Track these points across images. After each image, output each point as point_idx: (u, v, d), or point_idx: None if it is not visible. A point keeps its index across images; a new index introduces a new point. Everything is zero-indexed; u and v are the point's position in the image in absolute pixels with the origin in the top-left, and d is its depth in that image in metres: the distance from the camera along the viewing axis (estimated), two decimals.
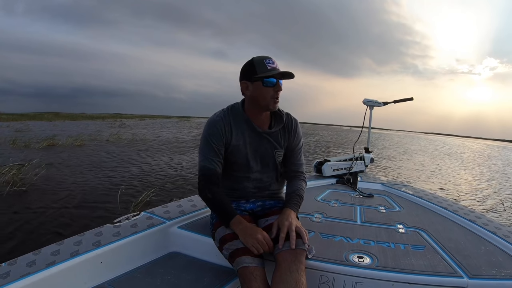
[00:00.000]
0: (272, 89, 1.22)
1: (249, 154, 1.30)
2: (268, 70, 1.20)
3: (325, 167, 2.50)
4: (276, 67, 1.23)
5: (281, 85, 1.25)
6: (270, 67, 1.21)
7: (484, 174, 9.27)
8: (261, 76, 1.20)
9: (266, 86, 1.22)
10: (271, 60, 1.22)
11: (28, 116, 26.03)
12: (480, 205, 5.07)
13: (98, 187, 4.34)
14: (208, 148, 1.25)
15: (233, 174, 1.34)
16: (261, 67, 1.21)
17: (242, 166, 1.31)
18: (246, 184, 1.35)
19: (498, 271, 1.13)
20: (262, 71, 1.20)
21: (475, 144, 37.42)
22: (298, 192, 1.32)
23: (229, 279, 1.16)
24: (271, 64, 1.22)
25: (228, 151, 1.29)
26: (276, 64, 1.23)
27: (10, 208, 3.28)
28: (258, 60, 1.22)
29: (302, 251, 1.10)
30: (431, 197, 2.05)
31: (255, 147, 1.31)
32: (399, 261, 1.17)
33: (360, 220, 1.64)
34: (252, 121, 1.29)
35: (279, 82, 1.23)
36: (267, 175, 1.37)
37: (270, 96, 1.23)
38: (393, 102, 2.79)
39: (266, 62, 1.21)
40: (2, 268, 0.97)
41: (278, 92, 1.24)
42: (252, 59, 1.24)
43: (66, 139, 9.13)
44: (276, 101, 1.26)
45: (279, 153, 1.35)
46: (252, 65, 1.22)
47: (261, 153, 1.32)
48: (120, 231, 1.28)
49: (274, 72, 1.20)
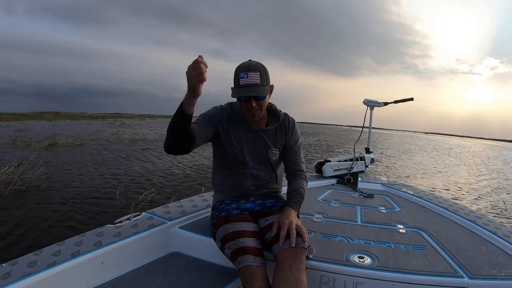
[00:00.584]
0: (246, 104, 1.18)
1: (245, 150, 1.32)
2: (238, 86, 1.15)
3: (326, 168, 2.50)
4: (252, 81, 1.13)
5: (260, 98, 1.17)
6: (243, 82, 1.14)
7: (483, 173, 9.30)
8: (232, 94, 1.18)
9: (241, 101, 1.19)
10: (246, 74, 1.14)
11: (28, 115, 26.05)
12: (480, 205, 5.07)
13: (98, 187, 4.34)
14: (200, 119, 1.25)
15: (231, 170, 1.36)
16: (236, 81, 1.17)
17: (239, 161, 1.33)
18: (244, 181, 1.36)
19: (498, 271, 1.13)
20: (236, 85, 1.17)
21: (476, 144, 37.44)
22: (298, 191, 1.33)
23: (230, 279, 1.16)
24: (244, 79, 1.13)
25: (224, 140, 1.30)
26: (251, 78, 1.13)
27: (8, 206, 3.29)
28: (237, 70, 1.17)
29: (303, 249, 1.11)
30: (432, 197, 2.05)
31: (250, 144, 1.33)
32: (400, 261, 1.17)
33: (360, 220, 1.65)
34: (248, 120, 1.30)
35: (252, 99, 1.15)
36: (264, 172, 1.38)
37: (245, 109, 1.21)
38: (393, 102, 2.80)
39: (240, 76, 1.14)
40: (3, 269, 0.97)
41: (253, 108, 1.17)
42: (237, 66, 1.19)
43: (67, 139, 9.14)
44: (252, 114, 1.20)
45: (274, 152, 1.36)
46: (234, 73, 1.18)
47: (257, 150, 1.34)
48: (121, 231, 1.28)
49: (242, 90, 1.14)
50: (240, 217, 1.24)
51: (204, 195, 1.81)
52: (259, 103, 1.18)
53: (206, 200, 1.73)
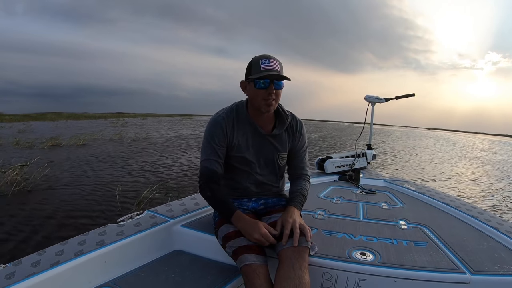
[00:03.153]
0: (264, 91, 1.17)
1: (252, 155, 1.31)
2: (260, 71, 1.16)
3: (327, 164, 2.50)
4: (273, 67, 1.16)
5: (279, 86, 1.19)
6: (264, 67, 1.16)
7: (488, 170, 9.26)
8: (253, 77, 1.17)
9: (258, 88, 1.18)
10: (267, 60, 1.17)
11: (31, 116, 26.13)
12: (483, 201, 5.06)
13: (101, 186, 4.36)
14: (209, 149, 1.26)
15: (236, 173, 1.34)
16: (255, 68, 1.18)
17: (244, 165, 1.32)
18: (249, 183, 1.35)
19: (500, 267, 1.13)
20: (255, 71, 1.17)
21: (478, 140, 37.20)
22: (302, 192, 1.33)
23: (232, 277, 1.17)
24: (266, 64, 1.16)
25: (230, 150, 1.29)
26: (273, 64, 1.16)
27: (13, 207, 3.31)
28: (255, 59, 1.19)
29: (305, 248, 1.11)
30: (434, 193, 2.05)
31: (258, 148, 1.31)
32: (402, 258, 1.17)
33: (362, 216, 1.65)
34: (255, 122, 1.28)
35: (273, 84, 1.17)
36: (270, 176, 1.38)
37: (261, 98, 1.19)
38: (394, 98, 2.79)
39: (262, 62, 1.17)
40: (7, 269, 0.98)
41: (271, 95, 1.18)
42: (252, 58, 1.21)
43: (70, 139, 9.17)
44: (269, 104, 1.20)
45: (282, 155, 1.36)
46: (250, 65, 1.21)
47: (264, 155, 1.33)
48: (123, 230, 1.28)
49: (266, 73, 1.15)
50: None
51: None
52: (276, 92, 1.19)
53: None
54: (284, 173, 1.49)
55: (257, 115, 1.27)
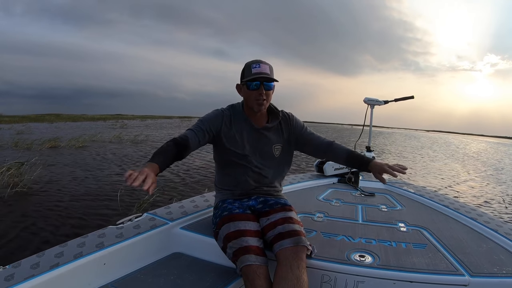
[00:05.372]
0: (255, 92, 1.30)
1: (248, 149, 1.37)
2: (252, 75, 1.29)
3: (327, 166, 2.50)
4: (263, 70, 1.29)
5: (269, 87, 1.31)
6: (255, 71, 1.29)
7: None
8: (245, 80, 1.30)
9: (250, 90, 1.31)
10: (258, 64, 1.30)
11: (30, 118, 26.10)
12: (481, 203, 5.06)
13: (100, 188, 4.35)
14: (197, 126, 1.34)
15: (234, 168, 1.39)
16: (247, 72, 1.31)
17: (242, 159, 1.37)
18: (246, 178, 1.38)
19: (499, 269, 1.13)
20: (248, 75, 1.30)
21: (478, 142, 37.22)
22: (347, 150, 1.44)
23: (231, 279, 1.17)
24: (256, 68, 1.29)
25: (227, 142, 1.35)
26: (263, 68, 1.29)
27: (10, 209, 3.30)
28: (247, 64, 1.33)
29: (303, 248, 1.12)
30: (433, 195, 2.05)
31: (253, 143, 1.38)
32: (401, 260, 1.18)
33: (361, 219, 1.65)
34: (250, 119, 1.38)
35: (263, 85, 1.29)
36: (267, 170, 1.41)
37: (254, 98, 1.31)
38: (393, 100, 2.79)
39: (253, 66, 1.30)
40: (7, 271, 0.98)
41: (262, 95, 1.30)
42: (245, 63, 1.34)
43: (68, 141, 9.16)
44: (260, 103, 1.31)
45: (277, 147, 1.42)
46: (243, 70, 1.34)
47: (260, 148, 1.39)
48: (123, 233, 1.28)
49: (256, 76, 1.27)
50: (243, 216, 1.26)
51: (205, 195, 1.82)
52: (267, 92, 1.31)
53: (207, 200, 1.73)
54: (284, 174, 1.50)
55: (251, 114, 1.38)
